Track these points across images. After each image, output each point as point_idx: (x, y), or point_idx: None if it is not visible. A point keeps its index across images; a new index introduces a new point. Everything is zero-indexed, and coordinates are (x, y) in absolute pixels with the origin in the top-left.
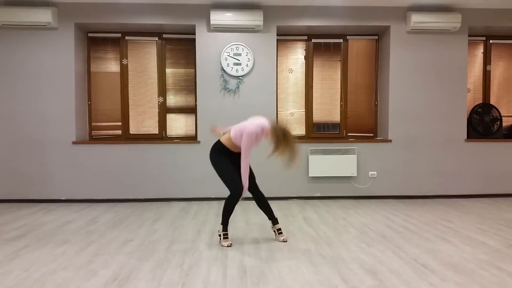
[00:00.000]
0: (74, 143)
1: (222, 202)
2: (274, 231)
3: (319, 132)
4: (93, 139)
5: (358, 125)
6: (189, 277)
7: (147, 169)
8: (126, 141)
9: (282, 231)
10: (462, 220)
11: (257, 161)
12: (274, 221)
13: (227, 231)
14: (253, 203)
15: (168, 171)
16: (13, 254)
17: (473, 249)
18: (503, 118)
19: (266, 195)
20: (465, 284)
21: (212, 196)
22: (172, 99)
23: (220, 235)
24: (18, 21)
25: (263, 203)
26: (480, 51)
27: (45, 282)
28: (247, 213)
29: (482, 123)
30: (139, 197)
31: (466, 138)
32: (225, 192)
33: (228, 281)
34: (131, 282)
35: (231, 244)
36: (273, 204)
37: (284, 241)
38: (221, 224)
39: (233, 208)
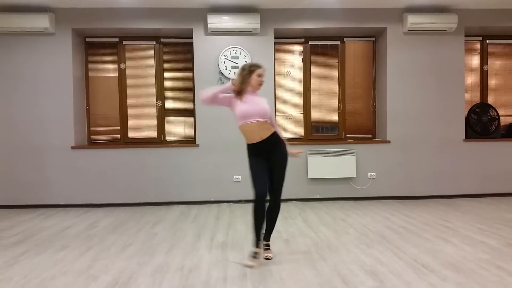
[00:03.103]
0: (73, 148)
1: (222, 205)
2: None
3: (318, 134)
4: (92, 144)
5: (356, 126)
6: (189, 281)
7: (146, 173)
8: (125, 145)
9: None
10: (461, 220)
11: None
12: (267, 236)
13: (256, 246)
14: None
15: (167, 174)
16: (12, 260)
17: (473, 248)
18: (501, 117)
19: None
20: (465, 284)
21: (212, 200)
22: (171, 103)
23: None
24: (15, 27)
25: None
26: (476, 51)
27: None
28: (246, 215)
29: (480, 123)
30: (138, 201)
31: (464, 138)
32: (226, 195)
33: (228, 284)
34: (131, 286)
35: (253, 265)
36: None
37: (268, 259)
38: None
39: (257, 217)
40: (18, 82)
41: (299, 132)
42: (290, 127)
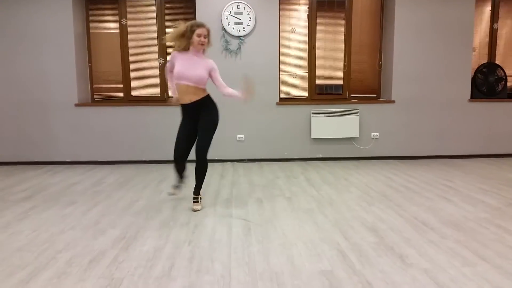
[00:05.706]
0: (76, 105)
1: (226, 164)
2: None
3: (322, 94)
4: (96, 102)
5: (361, 86)
6: (195, 235)
7: (150, 131)
8: (128, 103)
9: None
10: (463, 179)
11: (259, 123)
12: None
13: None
14: (256, 164)
15: (171, 133)
16: (22, 215)
17: (473, 207)
18: (508, 77)
19: (268, 156)
20: (465, 241)
21: (216, 158)
22: None
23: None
24: None
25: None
26: (487, 8)
27: (55, 242)
28: (250, 174)
29: (487, 83)
30: (144, 159)
31: (469, 98)
32: (229, 154)
33: (233, 238)
34: (138, 240)
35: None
36: (275, 165)
37: (194, 210)
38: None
39: (175, 169)
40: (19, 38)
41: (303, 92)
42: (294, 87)
